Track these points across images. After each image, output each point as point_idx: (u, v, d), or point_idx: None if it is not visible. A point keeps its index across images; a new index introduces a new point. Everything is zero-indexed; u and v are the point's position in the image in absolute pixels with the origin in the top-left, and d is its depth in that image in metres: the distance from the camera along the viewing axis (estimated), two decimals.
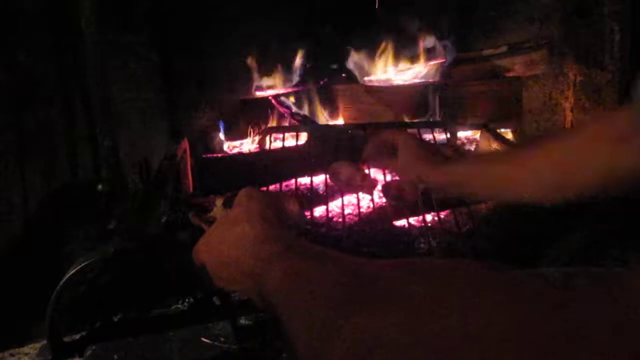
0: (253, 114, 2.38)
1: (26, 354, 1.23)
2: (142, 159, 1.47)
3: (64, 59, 1.62)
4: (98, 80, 1.29)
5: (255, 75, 2.39)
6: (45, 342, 1.13)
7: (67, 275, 1.05)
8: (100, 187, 1.24)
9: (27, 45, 1.54)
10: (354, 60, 2.37)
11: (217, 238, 0.82)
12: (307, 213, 1.81)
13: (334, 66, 2.37)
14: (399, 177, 1.48)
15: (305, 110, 2.31)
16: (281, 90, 2.38)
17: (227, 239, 0.79)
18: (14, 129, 1.51)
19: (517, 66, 2.36)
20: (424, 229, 1.70)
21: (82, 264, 1.07)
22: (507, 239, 1.61)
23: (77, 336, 1.16)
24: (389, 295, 0.48)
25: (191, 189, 2.08)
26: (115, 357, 1.17)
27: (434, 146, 1.28)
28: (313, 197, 1.85)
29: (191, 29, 2.27)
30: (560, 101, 2.25)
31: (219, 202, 0.95)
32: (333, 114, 2.35)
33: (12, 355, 1.24)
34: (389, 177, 1.67)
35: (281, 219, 0.82)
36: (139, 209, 1.40)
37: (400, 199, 1.71)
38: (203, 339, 1.20)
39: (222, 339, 1.21)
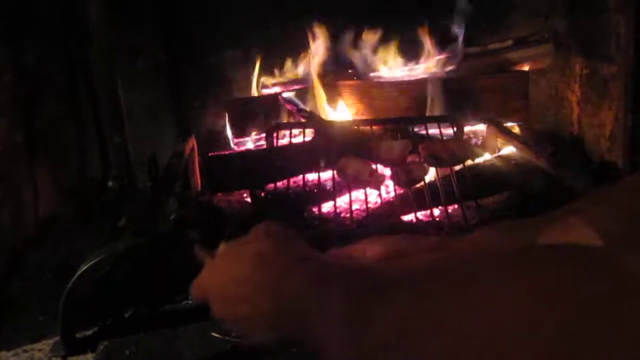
0: (260, 111, 2.38)
1: (40, 350, 1.25)
2: (151, 157, 1.48)
3: (72, 59, 1.64)
4: (106, 79, 1.30)
5: (262, 72, 2.39)
6: (58, 338, 1.14)
7: (79, 272, 1.07)
8: (110, 183, 1.25)
9: (36, 46, 1.56)
10: (361, 55, 2.37)
11: (227, 258, 0.70)
12: (315, 209, 1.82)
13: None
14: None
15: (312, 107, 2.32)
16: (288, 87, 2.38)
17: (239, 257, 0.66)
18: (24, 128, 1.52)
19: (523, 60, 2.36)
20: (432, 223, 1.71)
21: (94, 261, 1.08)
22: None
23: (90, 332, 1.18)
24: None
25: (199, 187, 2.09)
26: (127, 352, 1.19)
27: None
28: (321, 192, 1.86)
29: (198, 27, 2.29)
30: (567, 95, 2.25)
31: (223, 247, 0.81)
32: (340, 110, 2.36)
33: (25, 351, 1.25)
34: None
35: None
36: (148, 206, 1.41)
37: (411, 181, 1.73)
38: (213, 334, 1.21)
39: (232, 333, 1.22)
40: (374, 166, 1.79)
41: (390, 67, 2.40)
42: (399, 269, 0.55)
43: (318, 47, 2.34)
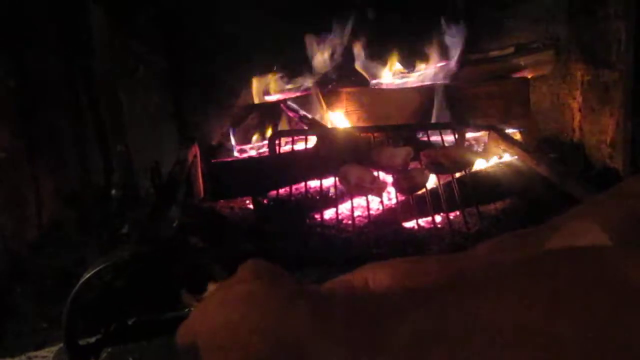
0: (262, 118, 2.39)
1: (43, 358, 1.25)
2: (154, 164, 1.48)
3: (73, 65, 1.64)
4: (107, 86, 1.31)
5: (265, 79, 2.40)
6: (61, 345, 1.14)
7: (83, 279, 1.07)
8: (113, 192, 1.25)
9: (38, 53, 1.56)
10: (362, 63, 2.38)
11: (216, 300, 0.63)
12: (317, 215, 1.82)
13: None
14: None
15: (314, 114, 2.32)
16: (290, 94, 2.39)
17: (229, 299, 0.61)
18: (25, 135, 1.53)
19: (524, 67, 2.37)
20: (434, 230, 1.71)
21: (98, 268, 1.08)
22: None
23: (93, 339, 1.18)
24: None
25: (202, 194, 2.10)
26: (130, 359, 1.19)
27: None
28: (323, 199, 1.86)
29: (200, 34, 2.29)
30: (568, 101, 2.26)
31: (212, 287, 0.76)
32: (341, 117, 2.36)
33: (29, 358, 1.25)
34: None
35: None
36: (151, 213, 1.41)
37: (412, 187, 1.73)
38: None
39: None
40: (375, 173, 1.80)
41: (392, 74, 2.41)
42: (402, 293, 0.54)
43: (321, 55, 2.35)
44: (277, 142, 2.06)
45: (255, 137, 2.40)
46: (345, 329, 0.50)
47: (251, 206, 1.98)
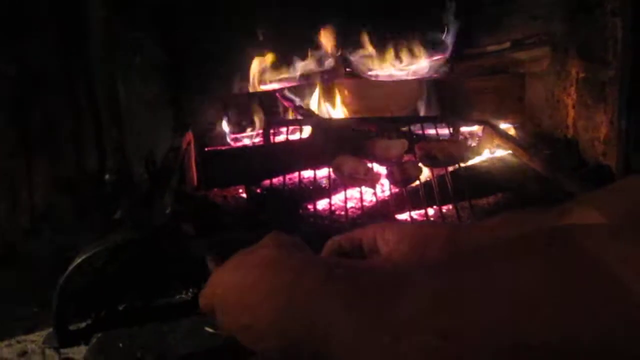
0: (257, 107, 2.39)
1: (33, 342, 1.25)
2: (148, 151, 1.48)
3: (70, 52, 1.64)
4: (104, 73, 1.31)
5: (261, 69, 2.40)
6: (51, 330, 1.15)
7: (74, 264, 1.07)
8: (107, 176, 1.25)
9: (36, 42, 1.56)
10: (358, 54, 2.38)
11: (233, 265, 0.67)
12: (310, 206, 1.83)
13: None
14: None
15: (309, 104, 2.32)
16: (285, 84, 2.39)
17: (246, 264, 0.64)
18: (21, 121, 1.53)
19: (519, 62, 2.37)
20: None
21: (89, 253, 1.09)
22: None
23: (83, 324, 1.18)
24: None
25: (195, 182, 2.10)
26: (120, 345, 1.19)
27: None
28: (316, 190, 1.87)
29: (197, 23, 2.28)
30: (562, 97, 2.26)
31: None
32: (336, 108, 2.36)
33: (19, 342, 1.25)
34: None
35: None
36: (145, 200, 1.41)
37: (406, 180, 1.74)
38: (206, 328, 1.21)
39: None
40: (369, 165, 1.80)
41: (388, 66, 2.41)
42: (406, 260, 0.56)
43: (317, 46, 2.35)
44: (271, 131, 2.06)
45: (250, 126, 2.39)
46: (354, 297, 0.51)
47: (244, 195, 1.98)
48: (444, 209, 1.76)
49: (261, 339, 0.58)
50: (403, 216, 1.75)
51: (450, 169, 1.80)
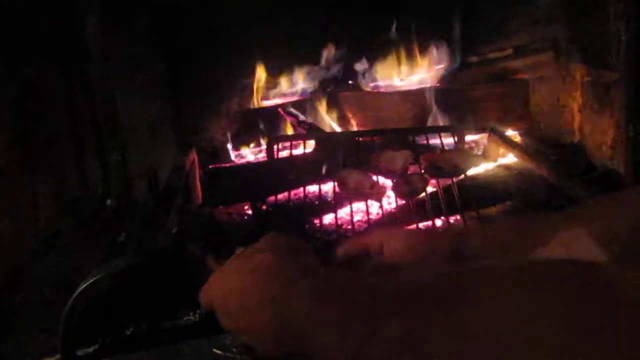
0: (260, 124, 2.38)
1: None
2: (151, 171, 1.47)
3: (72, 72, 1.64)
4: (104, 93, 1.30)
5: (263, 84, 2.40)
6: (58, 356, 1.13)
7: (79, 290, 1.06)
8: (109, 201, 1.24)
9: (37, 62, 1.56)
10: (360, 66, 2.37)
11: (233, 267, 0.70)
12: (317, 221, 1.81)
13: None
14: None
15: (313, 119, 2.31)
16: (288, 99, 2.38)
17: (245, 267, 0.66)
18: (24, 143, 1.52)
19: (523, 68, 2.36)
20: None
21: (94, 279, 1.07)
22: None
23: (90, 349, 1.17)
24: (431, 304, 0.48)
25: (200, 200, 2.09)
26: None
27: None
28: (322, 205, 1.85)
29: (197, 40, 2.28)
30: (568, 102, 2.25)
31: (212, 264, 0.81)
32: (340, 121, 2.35)
33: None
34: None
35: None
36: (149, 221, 1.40)
37: (412, 192, 1.72)
38: (215, 350, 1.20)
39: (233, 350, 1.21)
40: (374, 178, 1.78)
41: (391, 78, 2.40)
42: (403, 285, 0.55)
43: (320, 59, 2.35)
44: (275, 147, 2.04)
45: (253, 143, 2.38)
46: (341, 316, 0.52)
47: (250, 212, 1.97)
48: (452, 219, 1.74)
49: (261, 342, 0.61)
50: (410, 228, 1.73)
51: (456, 179, 1.79)
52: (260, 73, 2.38)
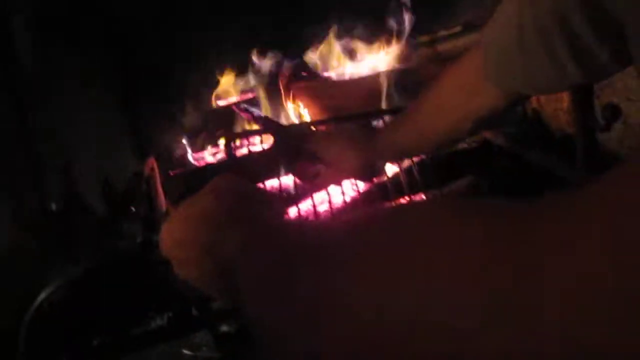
0: (217, 124, 2.37)
1: None
2: (104, 179, 1.45)
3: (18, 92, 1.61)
4: (39, 105, 1.27)
5: (218, 87, 2.38)
6: None
7: (35, 305, 1.04)
8: (53, 206, 1.22)
9: None
10: (311, 55, 2.37)
11: (179, 215, 0.70)
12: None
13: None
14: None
15: (268, 113, 2.30)
16: (243, 96, 2.37)
17: (188, 216, 0.68)
18: None
19: (472, 44, 2.36)
20: None
21: (49, 290, 1.06)
22: None
23: None
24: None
25: (164, 207, 2.06)
26: None
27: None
28: (284, 199, 1.84)
29: (152, 49, 2.26)
30: None
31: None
32: (297, 112, 2.34)
33: None
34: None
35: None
36: (104, 229, 1.38)
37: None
38: (184, 351, 1.19)
39: (203, 349, 1.20)
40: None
41: (343, 64, 2.40)
42: (334, 229, 0.55)
43: (269, 53, 2.34)
44: (232, 145, 2.03)
45: (211, 144, 2.37)
46: (267, 257, 0.54)
47: None
48: (415, 198, 1.74)
49: (208, 288, 0.65)
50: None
51: (416, 159, 1.78)
52: (216, 76, 2.37)
